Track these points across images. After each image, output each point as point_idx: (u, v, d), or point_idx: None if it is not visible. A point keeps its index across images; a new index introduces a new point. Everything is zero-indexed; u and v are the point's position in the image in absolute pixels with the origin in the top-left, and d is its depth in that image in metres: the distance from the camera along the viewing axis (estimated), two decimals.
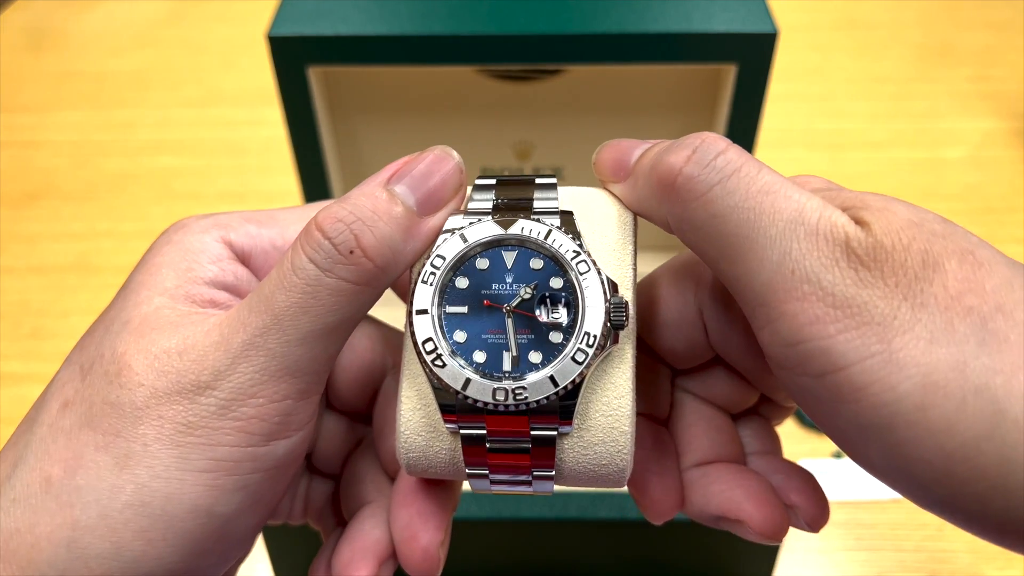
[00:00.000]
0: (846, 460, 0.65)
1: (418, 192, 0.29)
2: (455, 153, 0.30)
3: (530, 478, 0.29)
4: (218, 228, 0.32)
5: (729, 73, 0.54)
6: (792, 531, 0.32)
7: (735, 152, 0.27)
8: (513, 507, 0.53)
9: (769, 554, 0.57)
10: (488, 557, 0.58)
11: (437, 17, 0.52)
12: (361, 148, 0.62)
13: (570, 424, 0.29)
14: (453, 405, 0.28)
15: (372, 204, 0.28)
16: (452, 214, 0.30)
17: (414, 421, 0.30)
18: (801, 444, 0.67)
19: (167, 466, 0.27)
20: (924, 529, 0.61)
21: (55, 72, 1.06)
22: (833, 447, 0.66)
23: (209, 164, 0.93)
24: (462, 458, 0.29)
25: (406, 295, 0.36)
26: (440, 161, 0.30)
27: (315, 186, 0.59)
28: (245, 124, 0.97)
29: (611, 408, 0.29)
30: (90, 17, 1.15)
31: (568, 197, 0.32)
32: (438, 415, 0.29)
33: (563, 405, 0.28)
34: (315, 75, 0.54)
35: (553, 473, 0.29)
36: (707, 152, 0.26)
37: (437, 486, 0.33)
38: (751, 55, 0.52)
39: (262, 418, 0.28)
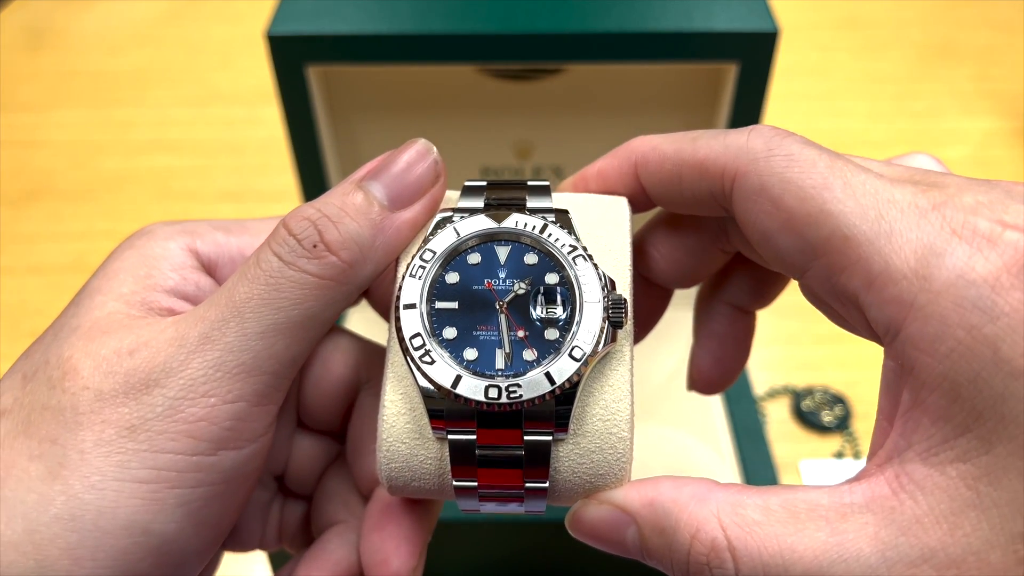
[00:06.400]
0: (847, 460, 0.65)
1: (391, 188, 0.29)
2: (434, 148, 0.30)
3: (522, 492, 0.28)
4: (184, 235, 0.31)
5: (730, 72, 0.54)
6: None
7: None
8: None
9: None
10: (487, 557, 0.58)
11: (437, 16, 0.52)
12: (360, 147, 0.62)
13: (565, 431, 0.27)
14: (441, 410, 0.27)
15: (340, 202, 0.28)
16: (430, 210, 0.30)
17: (398, 427, 0.28)
18: (801, 444, 0.67)
19: (103, 475, 0.25)
20: None
21: (54, 71, 1.06)
22: (833, 447, 0.66)
23: (208, 163, 0.93)
24: (449, 469, 0.27)
25: (386, 312, 0.35)
26: (416, 155, 0.30)
27: (314, 185, 0.59)
28: (244, 123, 0.97)
29: (609, 412, 0.28)
30: (89, 16, 1.15)
31: (563, 199, 0.31)
32: (425, 419, 0.27)
33: (559, 410, 0.27)
34: (314, 74, 0.54)
35: (547, 486, 0.27)
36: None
37: (414, 508, 0.32)
38: (752, 54, 0.52)
39: (211, 421, 0.26)
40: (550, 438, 0.27)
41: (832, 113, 0.97)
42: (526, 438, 0.27)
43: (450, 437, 0.27)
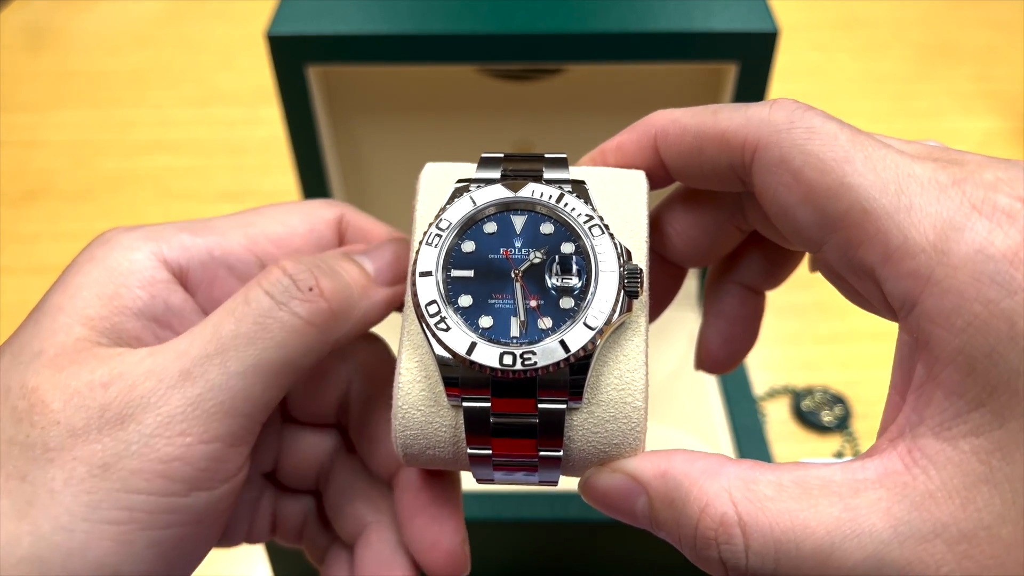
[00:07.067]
0: (846, 460, 0.65)
1: (377, 265, 0.31)
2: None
3: (536, 461, 0.28)
4: (148, 241, 0.29)
5: (730, 72, 0.54)
6: None
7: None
8: (514, 508, 0.53)
9: None
10: (488, 557, 0.58)
11: (437, 16, 0.52)
12: (360, 147, 0.62)
13: (580, 400, 0.27)
14: (456, 377, 0.27)
15: (334, 261, 0.30)
16: (401, 296, 0.31)
17: (413, 394, 0.28)
18: (801, 444, 0.67)
19: (73, 515, 0.24)
20: None
21: (53, 71, 1.06)
22: (833, 447, 0.66)
23: (207, 164, 0.93)
24: (464, 436, 0.27)
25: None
26: (399, 244, 0.32)
27: (314, 185, 0.59)
28: (244, 123, 0.97)
29: (623, 382, 0.28)
30: (88, 16, 1.15)
31: (580, 172, 0.31)
32: (440, 387, 0.28)
33: (573, 379, 0.27)
34: (314, 74, 0.54)
35: (560, 454, 0.28)
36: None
37: (439, 484, 0.32)
38: (752, 54, 0.52)
39: (186, 461, 0.25)
40: (564, 406, 0.27)
41: (833, 113, 0.97)
42: (540, 406, 0.27)
43: (465, 405, 0.27)
